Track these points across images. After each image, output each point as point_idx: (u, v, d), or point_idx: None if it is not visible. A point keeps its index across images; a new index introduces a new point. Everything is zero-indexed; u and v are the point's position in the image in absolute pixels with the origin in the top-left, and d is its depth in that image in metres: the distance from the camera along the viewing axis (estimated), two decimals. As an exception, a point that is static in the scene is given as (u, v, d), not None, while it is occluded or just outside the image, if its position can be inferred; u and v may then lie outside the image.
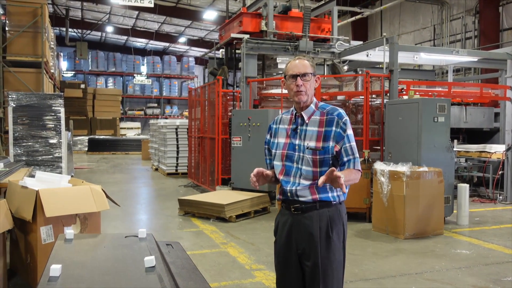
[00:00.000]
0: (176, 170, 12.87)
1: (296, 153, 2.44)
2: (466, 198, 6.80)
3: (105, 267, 2.04)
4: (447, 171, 6.53)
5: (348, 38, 10.45)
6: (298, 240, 2.43)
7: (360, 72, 10.67)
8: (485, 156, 8.99)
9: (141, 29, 26.76)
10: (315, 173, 2.40)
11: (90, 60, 27.91)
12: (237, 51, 10.44)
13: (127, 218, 7.41)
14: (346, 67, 10.70)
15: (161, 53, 31.30)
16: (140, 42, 29.93)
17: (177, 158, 12.84)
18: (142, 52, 30.69)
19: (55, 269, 1.82)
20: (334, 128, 2.40)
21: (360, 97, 8.71)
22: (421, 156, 6.54)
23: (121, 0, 12.46)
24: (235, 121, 8.55)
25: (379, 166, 6.32)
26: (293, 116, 2.51)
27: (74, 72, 28.56)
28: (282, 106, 8.96)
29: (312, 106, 2.47)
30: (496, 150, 8.92)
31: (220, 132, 9.15)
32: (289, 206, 2.47)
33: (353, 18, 16.99)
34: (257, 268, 4.73)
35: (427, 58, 10.44)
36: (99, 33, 27.87)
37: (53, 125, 7.62)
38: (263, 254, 5.23)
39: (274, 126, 2.60)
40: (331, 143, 2.39)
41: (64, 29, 23.57)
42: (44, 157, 7.55)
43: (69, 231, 2.43)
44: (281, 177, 2.50)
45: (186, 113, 20.12)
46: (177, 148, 12.82)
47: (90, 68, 28.32)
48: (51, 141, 7.58)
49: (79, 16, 24.82)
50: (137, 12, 22.71)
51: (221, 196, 7.56)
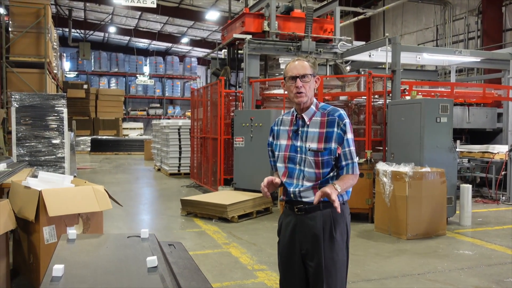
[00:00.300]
0: (179, 171, 12.88)
1: (298, 155, 2.44)
2: (469, 199, 6.78)
3: (108, 267, 2.04)
4: (449, 172, 6.51)
5: (350, 38, 10.44)
6: (301, 240, 2.43)
7: (362, 73, 10.67)
8: (488, 156, 8.97)
9: (144, 29, 26.82)
10: (318, 175, 2.40)
11: (93, 60, 28.01)
12: (239, 51, 10.45)
13: (130, 218, 7.42)
14: (348, 68, 10.68)
15: (163, 53, 31.36)
16: (142, 43, 29.99)
17: (179, 159, 12.86)
18: (145, 52, 30.76)
19: (57, 269, 1.82)
20: (335, 129, 2.39)
21: (363, 97, 8.71)
22: (424, 156, 6.53)
23: (123, 1, 12.48)
24: (238, 122, 8.56)
25: (381, 166, 6.31)
26: (294, 117, 2.50)
27: (77, 73, 28.65)
28: (284, 107, 8.96)
29: (313, 107, 2.46)
30: (499, 150, 8.89)
31: (223, 133, 9.15)
32: (292, 206, 2.47)
33: (356, 19, 16.98)
34: (259, 269, 4.73)
35: (429, 59, 10.43)
36: (101, 34, 27.94)
37: (56, 126, 7.64)
38: (265, 254, 5.23)
39: (275, 128, 2.59)
40: (333, 145, 2.39)
41: (67, 29, 23.62)
42: (47, 157, 7.57)
43: (72, 231, 2.44)
44: (284, 179, 2.50)
45: (188, 113, 20.13)
46: (180, 148, 12.83)
47: (92, 69, 28.40)
48: (54, 141, 7.60)
49: (82, 17, 24.88)
50: (139, 13, 22.76)
51: (223, 196, 7.56)
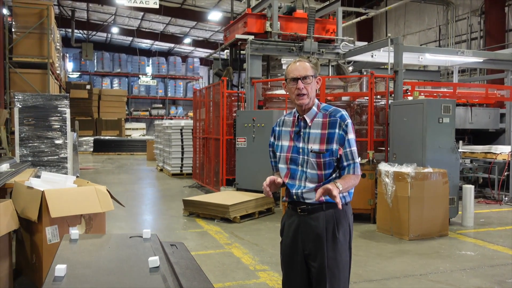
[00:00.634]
0: (181, 171, 12.90)
1: (301, 156, 2.43)
2: (471, 199, 6.77)
3: (110, 267, 2.05)
4: (452, 172, 6.50)
5: (353, 39, 10.44)
6: (304, 241, 2.43)
7: (364, 73, 10.67)
8: (491, 157, 8.95)
9: (146, 30, 26.86)
10: (320, 176, 2.40)
11: (95, 61, 28.05)
12: (241, 52, 10.46)
13: (132, 218, 7.43)
14: (350, 68, 10.68)
15: (166, 54, 31.40)
16: (145, 43, 30.04)
17: (182, 159, 12.87)
18: (147, 53, 30.80)
19: (60, 269, 1.83)
20: (337, 130, 2.39)
21: (365, 98, 8.70)
22: (426, 157, 6.52)
23: (126, 1, 12.50)
24: (240, 122, 8.57)
25: (383, 167, 6.30)
26: (296, 118, 2.49)
27: (79, 73, 28.71)
28: (286, 107, 8.96)
29: (314, 108, 2.46)
30: (502, 151, 8.88)
31: (225, 133, 9.16)
32: (295, 207, 2.47)
33: (358, 19, 16.96)
34: (261, 269, 4.73)
35: (432, 59, 10.41)
36: (104, 34, 27.99)
37: (59, 126, 7.66)
38: (267, 254, 5.23)
39: (277, 129, 2.58)
40: (335, 146, 2.38)
41: (70, 30, 23.68)
42: (49, 157, 7.60)
43: (74, 232, 2.45)
44: (286, 180, 2.49)
45: (191, 113, 20.16)
46: (182, 148, 12.85)
47: (95, 69, 28.45)
48: (57, 141, 7.62)
49: (84, 17, 24.94)
50: (142, 13, 22.80)
51: (226, 196, 7.57)
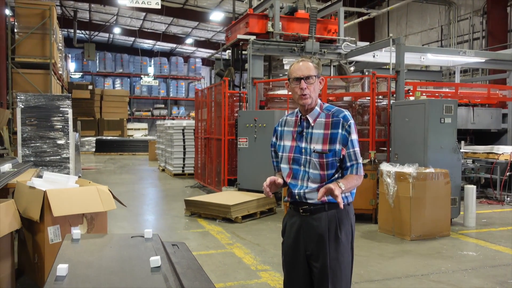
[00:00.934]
0: (183, 171, 12.91)
1: (303, 157, 2.43)
2: (473, 200, 6.76)
3: (111, 267, 2.06)
4: (454, 172, 6.49)
5: (354, 39, 10.43)
6: (306, 241, 2.42)
7: (366, 73, 10.66)
8: (493, 157, 8.93)
9: (148, 30, 26.90)
10: (323, 176, 2.39)
11: (97, 61, 28.13)
12: (243, 52, 10.47)
13: (134, 218, 7.44)
14: (352, 68, 10.69)
15: (168, 54, 31.44)
16: (147, 43, 30.08)
17: (183, 159, 12.88)
18: (149, 53, 30.85)
19: (62, 268, 1.84)
20: (340, 130, 2.38)
21: (367, 98, 8.69)
22: (428, 157, 6.52)
23: (128, 2, 12.52)
24: (241, 122, 8.57)
25: (385, 167, 6.30)
26: (298, 118, 2.48)
27: (82, 73, 28.79)
28: (288, 107, 8.96)
29: (317, 108, 2.45)
30: (504, 151, 8.85)
31: (227, 133, 9.17)
32: (297, 207, 2.46)
33: (360, 19, 16.96)
34: (262, 269, 4.73)
35: (434, 59, 10.41)
36: (106, 35, 28.05)
37: (61, 126, 7.68)
38: (268, 254, 5.23)
39: (279, 129, 2.58)
40: (338, 146, 2.38)
41: (72, 30, 23.75)
42: (52, 157, 7.62)
43: (76, 231, 2.46)
44: (288, 180, 2.49)
45: (193, 114, 20.19)
46: (184, 149, 12.86)
47: (97, 69, 28.52)
48: (59, 142, 7.64)
49: (87, 18, 25.00)
50: (144, 14, 22.85)
51: (227, 197, 7.58)
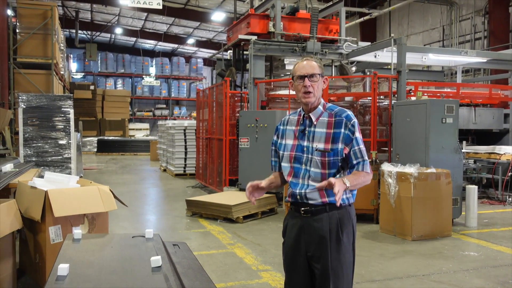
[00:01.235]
0: (184, 171, 12.92)
1: (305, 155, 2.42)
2: (475, 200, 6.75)
3: (112, 266, 2.06)
4: (455, 173, 6.49)
5: (356, 39, 10.42)
6: (307, 242, 2.41)
7: (368, 73, 10.66)
8: (494, 157, 8.91)
9: (150, 30, 26.92)
10: (324, 175, 2.38)
11: (99, 61, 28.17)
12: (244, 52, 10.48)
13: (135, 218, 7.45)
14: (354, 68, 10.67)
15: (169, 54, 31.46)
16: (149, 44, 30.11)
17: (185, 159, 12.89)
18: (151, 53, 30.88)
19: (62, 268, 1.85)
20: (343, 130, 2.38)
21: (368, 98, 8.69)
22: (429, 157, 6.51)
23: (129, 2, 12.55)
24: (243, 122, 8.57)
25: (386, 167, 6.29)
26: (301, 117, 2.48)
27: (83, 74, 28.81)
28: (289, 107, 8.96)
29: (320, 107, 2.45)
30: (506, 151, 8.84)
31: (228, 133, 9.17)
32: (298, 208, 2.44)
33: (362, 19, 16.95)
34: (263, 269, 4.73)
35: (435, 59, 10.39)
36: (108, 35, 28.08)
37: (63, 126, 7.69)
38: (270, 255, 5.24)
39: (281, 127, 2.57)
40: (340, 145, 2.37)
41: (73, 31, 23.77)
42: (53, 158, 7.63)
43: (77, 231, 2.46)
44: (289, 179, 2.48)
45: (194, 114, 20.19)
46: (185, 149, 12.87)
47: (99, 70, 28.55)
48: (61, 142, 7.65)
49: (88, 18, 25.03)
50: (146, 14, 22.87)
51: (229, 197, 7.58)
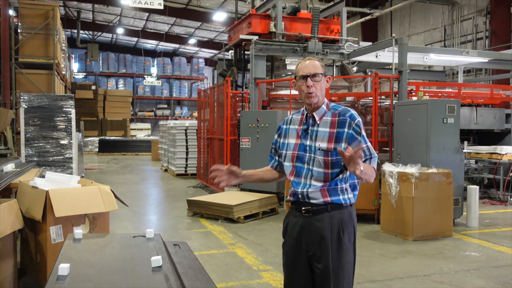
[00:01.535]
0: (185, 171, 12.92)
1: (307, 154, 2.41)
2: (476, 200, 6.74)
3: (113, 266, 2.06)
4: (456, 173, 6.48)
5: (357, 39, 10.43)
6: (308, 242, 2.39)
7: (369, 73, 10.65)
8: (496, 157, 8.90)
9: (151, 30, 26.94)
10: (327, 175, 2.37)
11: (101, 61, 28.19)
12: (246, 52, 10.48)
13: (136, 218, 7.46)
14: (355, 68, 10.67)
15: (171, 54, 31.49)
16: (150, 44, 30.14)
17: (186, 159, 12.89)
18: (152, 53, 30.91)
19: (63, 268, 1.85)
20: (346, 129, 2.36)
21: (369, 98, 8.69)
22: (430, 157, 6.51)
23: (131, 2, 12.57)
24: (244, 122, 8.57)
25: (387, 167, 6.29)
26: (304, 116, 2.47)
27: (85, 74, 28.85)
28: (290, 107, 8.96)
29: (324, 106, 2.43)
30: (507, 151, 8.83)
31: (229, 133, 9.17)
32: (299, 208, 2.42)
33: (363, 19, 16.93)
34: (264, 269, 4.73)
35: (437, 59, 10.39)
36: (109, 35, 28.11)
37: (64, 126, 7.71)
38: (270, 255, 5.24)
39: (284, 127, 2.56)
40: (344, 145, 2.35)
41: (75, 31, 23.79)
42: (55, 157, 7.64)
43: (78, 231, 2.46)
44: (291, 178, 2.47)
45: (195, 114, 20.22)
46: (187, 149, 12.86)
47: (101, 70, 28.58)
48: (62, 142, 7.67)
49: (90, 18, 25.06)
50: (147, 14, 22.88)
51: (230, 197, 7.58)
